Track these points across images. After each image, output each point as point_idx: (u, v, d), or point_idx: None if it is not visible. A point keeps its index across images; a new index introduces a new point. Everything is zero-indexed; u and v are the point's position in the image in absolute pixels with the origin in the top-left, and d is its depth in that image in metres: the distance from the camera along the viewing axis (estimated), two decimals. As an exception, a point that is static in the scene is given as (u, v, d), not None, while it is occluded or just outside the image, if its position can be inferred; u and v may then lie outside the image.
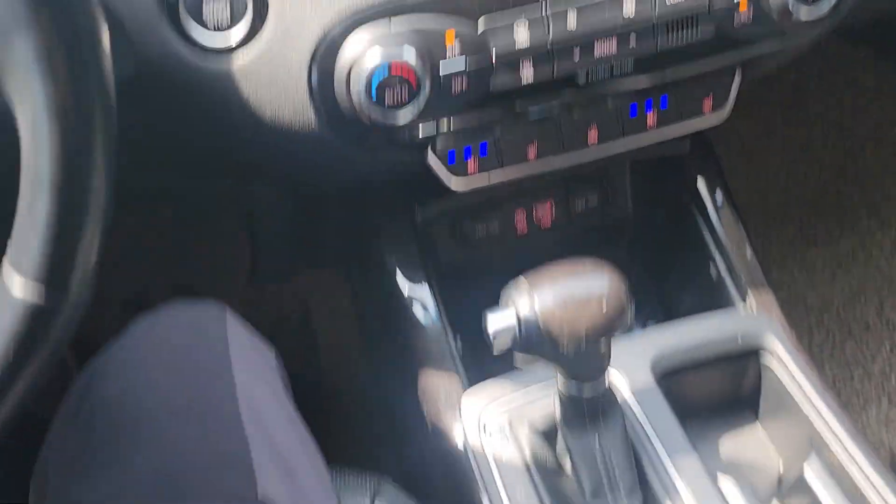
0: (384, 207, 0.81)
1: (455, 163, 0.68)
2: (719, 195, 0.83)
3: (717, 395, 0.79)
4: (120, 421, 0.55)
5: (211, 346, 0.60)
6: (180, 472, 0.53)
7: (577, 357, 0.59)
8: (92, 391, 0.58)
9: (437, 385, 0.75)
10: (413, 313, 0.77)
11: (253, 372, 0.60)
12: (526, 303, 0.57)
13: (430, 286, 0.78)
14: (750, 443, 0.79)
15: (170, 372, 0.58)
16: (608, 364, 0.62)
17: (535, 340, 0.57)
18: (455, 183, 0.69)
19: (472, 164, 0.69)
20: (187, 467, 0.53)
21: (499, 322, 0.57)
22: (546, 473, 0.67)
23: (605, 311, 0.57)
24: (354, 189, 0.84)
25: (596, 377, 0.63)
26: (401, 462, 0.78)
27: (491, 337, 0.57)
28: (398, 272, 0.79)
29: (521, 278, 0.59)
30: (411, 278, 0.79)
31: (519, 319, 0.57)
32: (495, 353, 0.58)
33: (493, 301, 0.61)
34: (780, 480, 0.75)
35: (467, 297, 0.83)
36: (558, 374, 0.63)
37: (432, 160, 0.68)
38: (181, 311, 0.62)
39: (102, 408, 0.56)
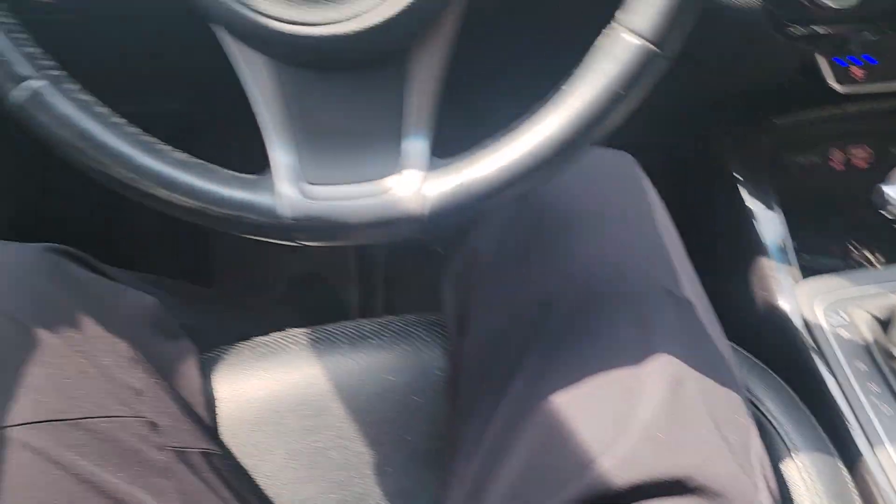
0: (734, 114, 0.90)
1: (846, 65, 0.76)
2: None
3: None
4: (564, 219, 0.65)
5: (629, 173, 0.69)
6: (619, 262, 0.63)
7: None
8: (532, 198, 0.68)
9: (773, 272, 0.83)
10: (753, 207, 0.86)
11: (661, 209, 0.69)
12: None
13: (772, 189, 0.86)
14: None
15: (598, 184, 0.68)
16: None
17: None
18: (841, 87, 0.76)
19: (856, 70, 0.76)
20: (624, 259, 0.63)
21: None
22: (883, 353, 0.73)
23: None
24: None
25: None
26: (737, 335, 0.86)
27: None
28: (743, 174, 0.88)
29: None
30: (754, 177, 0.87)
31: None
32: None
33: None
34: None
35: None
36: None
37: (821, 61, 0.76)
38: (596, 150, 0.72)
39: (546, 210, 0.67)
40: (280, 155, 0.50)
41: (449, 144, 0.55)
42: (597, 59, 0.49)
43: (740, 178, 0.88)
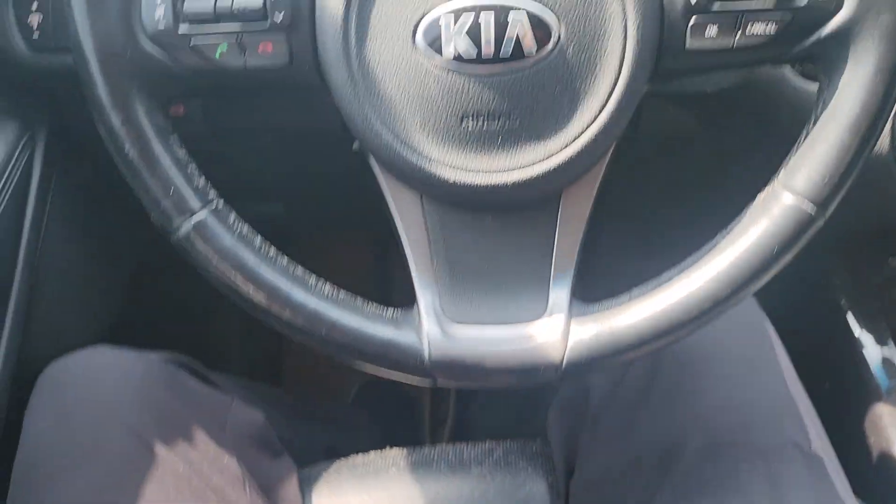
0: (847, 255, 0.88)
1: None
2: None
3: None
4: (685, 361, 0.64)
5: (751, 315, 0.68)
6: (746, 412, 0.61)
7: None
8: None
9: (889, 418, 0.80)
10: (866, 346, 0.83)
11: (784, 353, 0.68)
12: None
13: (886, 328, 0.84)
14: None
15: (720, 326, 0.66)
16: None
17: None
18: None
19: None
20: (751, 407, 0.61)
21: None
22: None
23: None
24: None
25: None
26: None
27: None
28: (856, 312, 0.86)
29: None
30: (867, 316, 0.85)
31: None
32: None
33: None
34: None
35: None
36: None
37: None
38: None
39: (665, 350, 0.65)
40: (424, 292, 0.50)
41: (583, 283, 0.54)
42: (754, 217, 0.48)
43: (853, 316, 0.86)
